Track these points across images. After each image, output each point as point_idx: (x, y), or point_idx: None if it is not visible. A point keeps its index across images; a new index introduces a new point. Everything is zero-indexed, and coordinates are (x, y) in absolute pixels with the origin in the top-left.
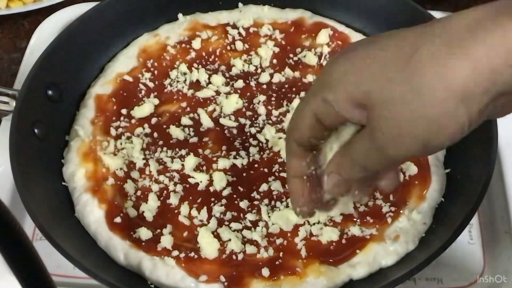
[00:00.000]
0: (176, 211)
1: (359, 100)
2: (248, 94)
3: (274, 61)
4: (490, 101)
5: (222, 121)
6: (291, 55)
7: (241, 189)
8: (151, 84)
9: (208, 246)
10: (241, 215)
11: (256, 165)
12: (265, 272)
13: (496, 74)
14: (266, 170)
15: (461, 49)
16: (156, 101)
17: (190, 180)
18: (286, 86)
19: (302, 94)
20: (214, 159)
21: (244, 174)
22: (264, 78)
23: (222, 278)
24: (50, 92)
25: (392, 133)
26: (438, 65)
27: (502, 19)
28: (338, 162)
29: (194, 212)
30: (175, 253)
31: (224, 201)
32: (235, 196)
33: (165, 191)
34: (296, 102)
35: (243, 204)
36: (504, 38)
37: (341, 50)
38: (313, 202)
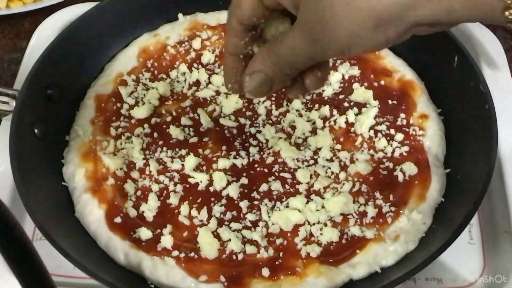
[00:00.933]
0: (176, 211)
1: None
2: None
3: None
4: (409, 28)
5: (222, 121)
6: None
7: (241, 189)
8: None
9: (208, 246)
10: (241, 215)
11: (256, 165)
12: (265, 272)
13: (417, 7)
14: (266, 170)
15: None
16: (156, 102)
17: (190, 180)
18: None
19: None
20: (214, 159)
21: (244, 174)
22: None
23: (222, 278)
24: (50, 92)
25: (319, 31)
26: None
27: None
28: (263, 60)
29: (194, 212)
30: (175, 253)
31: (224, 201)
32: (235, 196)
33: (165, 191)
34: (296, 102)
35: (243, 204)
36: None
37: None
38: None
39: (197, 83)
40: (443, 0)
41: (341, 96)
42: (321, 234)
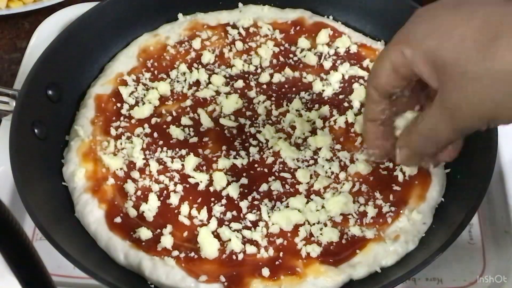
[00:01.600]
0: (176, 211)
1: (434, 62)
2: (248, 94)
3: (274, 61)
4: None
5: (222, 121)
6: (291, 55)
7: (241, 189)
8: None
9: (208, 246)
10: (241, 215)
11: (256, 165)
12: (265, 272)
13: None
14: (266, 170)
15: None
16: (156, 102)
17: (190, 180)
18: (286, 86)
19: (302, 94)
20: (214, 159)
21: (244, 174)
22: (264, 78)
23: (222, 278)
24: (50, 92)
25: (462, 105)
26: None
27: None
28: (407, 138)
29: (194, 212)
30: (175, 253)
31: (224, 201)
32: (235, 196)
33: (165, 191)
34: (296, 102)
35: (243, 204)
36: None
37: (428, 5)
38: (384, 147)
39: (197, 83)
40: None
41: (341, 96)
42: (321, 234)
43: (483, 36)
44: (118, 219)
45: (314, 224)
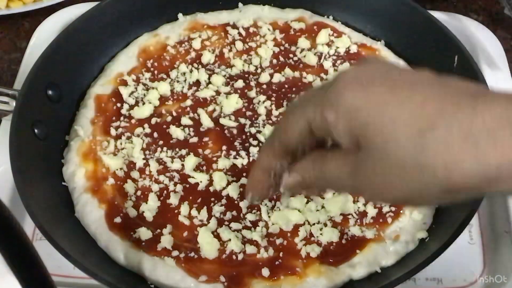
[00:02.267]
0: (176, 211)
1: (358, 136)
2: (248, 94)
3: (274, 61)
4: (481, 195)
5: (222, 121)
6: (291, 55)
7: (241, 189)
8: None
9: (208, 246)
10: (241, 215)
11: None
12: (265, 272)
13: (500, 181)
14: None
15: (474, 150)
16: (156, 102)
17: (190, 180)
18: (286, 86)
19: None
20: (214, 159)
21: (244, 174)
22: (264, 78)
23: (222, 278)
24: (50, 92)
25: (375, 184)
26: (448, 154)
27: None
28: (307, 168)
29: (194, 212)
30: (175, 253)
31: (224, 201)
32: (235, 196)
33: (165, 191)
34: None
35: (243, 204)
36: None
37: (357, 67)
38: (267, 194)
39: (197, 83)
40: None
41: None
42: (321, 234)
43: (416, 123)
44: (118, 219)
45: (314, 224)
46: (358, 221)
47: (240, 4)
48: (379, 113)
